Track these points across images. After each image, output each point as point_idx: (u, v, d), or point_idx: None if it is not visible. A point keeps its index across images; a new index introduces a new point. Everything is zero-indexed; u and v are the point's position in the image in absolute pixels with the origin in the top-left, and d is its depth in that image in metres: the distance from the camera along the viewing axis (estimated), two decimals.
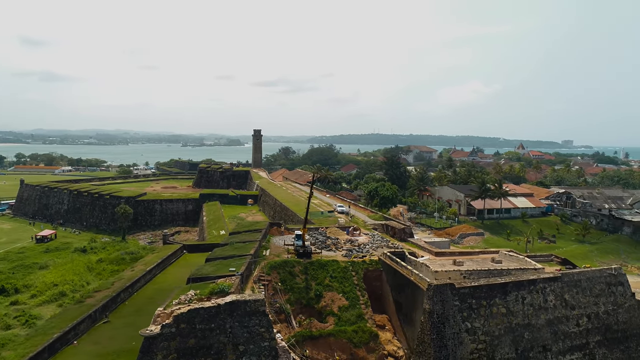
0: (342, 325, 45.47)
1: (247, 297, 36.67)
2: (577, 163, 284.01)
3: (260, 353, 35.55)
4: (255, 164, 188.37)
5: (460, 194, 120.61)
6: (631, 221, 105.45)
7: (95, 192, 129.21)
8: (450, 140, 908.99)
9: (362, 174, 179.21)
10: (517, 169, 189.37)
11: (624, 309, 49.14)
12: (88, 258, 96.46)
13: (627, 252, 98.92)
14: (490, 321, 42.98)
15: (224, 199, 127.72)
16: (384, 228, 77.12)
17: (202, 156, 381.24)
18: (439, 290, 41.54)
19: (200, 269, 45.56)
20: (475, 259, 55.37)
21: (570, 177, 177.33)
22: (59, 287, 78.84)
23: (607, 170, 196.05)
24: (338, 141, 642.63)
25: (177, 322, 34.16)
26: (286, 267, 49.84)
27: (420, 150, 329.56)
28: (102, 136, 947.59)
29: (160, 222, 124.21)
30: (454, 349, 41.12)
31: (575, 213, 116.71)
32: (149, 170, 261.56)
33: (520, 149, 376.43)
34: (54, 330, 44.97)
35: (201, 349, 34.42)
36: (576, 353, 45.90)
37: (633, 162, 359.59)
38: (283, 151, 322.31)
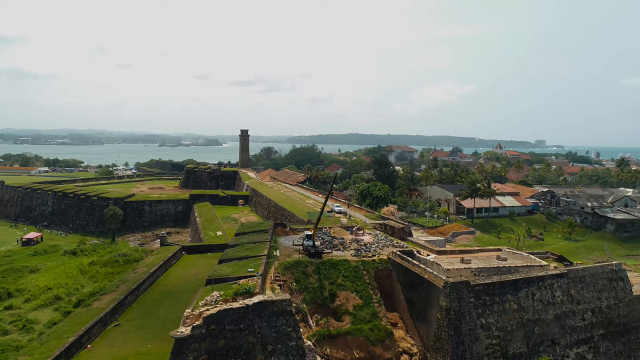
0: (358, 324, 46.14)
1: (274, 297, 36.94)
2: (553, 162, 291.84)
3: (288, 352, 35.88)
4: (243, 164, 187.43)
5: (449, 193, 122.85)
6: (614, 219, 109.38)
7: (81, 194, 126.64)
8: (428, 140, 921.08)
9: (348, 174, 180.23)
10: (499, 168, 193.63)
11: (625, 303, 51.26)
12: (80, 261, 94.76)
13: (612, 249, 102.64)
14: (503, 317, 44.30)
15: (214, 199, 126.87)
16: (383, 228, 78.12)
17: (181, 156, 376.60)
18: (455, 288, 42.58)
19: (217, 270, 45.51)
20: (480, 256, 56.76)
21: (550, 176, 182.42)
22: (53, 290, 77.66)
23: (585, 170, 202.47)
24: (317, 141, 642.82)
25: (207, 323, 34.20)
26: (299, 267, 50.24)
27: (402, 150, 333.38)
28: (75, 136, 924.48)
29: (149, 223, 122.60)
30: (470, 344, 42.23)
31: (560, 211, 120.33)
32: (129, 171, 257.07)
33: (498, 149, 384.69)
34: (68, 334, 44.25)
35: (231, 349, 34.55)
36: (582, 346, 47.71)
37: (605, 161, 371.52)
38: (265, 151, 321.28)
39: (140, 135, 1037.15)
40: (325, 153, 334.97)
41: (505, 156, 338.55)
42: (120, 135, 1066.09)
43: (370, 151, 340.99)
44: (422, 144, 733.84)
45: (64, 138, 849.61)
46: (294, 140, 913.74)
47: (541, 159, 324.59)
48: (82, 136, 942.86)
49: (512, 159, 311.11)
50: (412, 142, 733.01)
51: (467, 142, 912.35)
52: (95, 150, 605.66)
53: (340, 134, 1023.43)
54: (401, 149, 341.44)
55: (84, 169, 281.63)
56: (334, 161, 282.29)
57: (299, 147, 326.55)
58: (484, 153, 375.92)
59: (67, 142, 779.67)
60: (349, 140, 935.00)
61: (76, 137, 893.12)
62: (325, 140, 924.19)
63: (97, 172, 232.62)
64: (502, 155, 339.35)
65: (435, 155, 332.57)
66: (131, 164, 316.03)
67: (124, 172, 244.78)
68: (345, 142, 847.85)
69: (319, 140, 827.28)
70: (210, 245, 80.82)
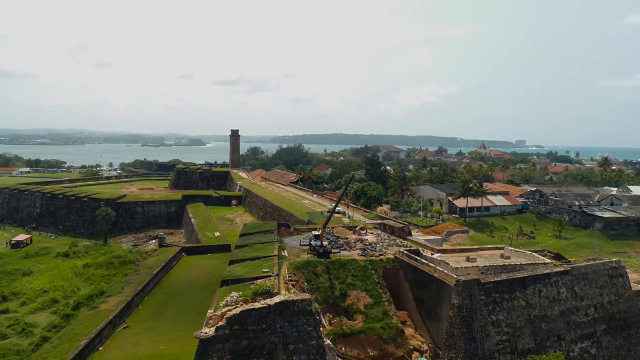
0: (370, 323, 46.70)
1: (294, 297, 37.25)
2: (536, 162, 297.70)
3: (309, 352, 36.23)
4: (233, 164, 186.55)
5: (442, 193, 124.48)
6: (601, 217, 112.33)
7: (71, 195, 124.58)
8: (411, 140, 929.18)
9: (338, 174, 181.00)
10: (485, 168, 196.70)
11: (624, 298, 52.92)
12: (73, 263, 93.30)
13: (600, 246, 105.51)
14: (512, 314, 45.39)
15: (207, 200, 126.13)
16: (382, 227, 78.94)
17: (165, 156, 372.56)
18: (467, 286, 43.49)
19: (231, 271, 45.55)
20: (483, 255, 57.87)
21: (536, 175, 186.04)
22: (49, 293, 76.38)
23: (569, 170, 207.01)
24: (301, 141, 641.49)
25: (230, 323, 34.35)
26: (309, 267, 50.58)
27: (388, 150, 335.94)
28: (54, 136, 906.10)
29: (142, 224, 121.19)
30: (481, 341, 43.18)
31: (549, 210, 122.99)
32: (113, 172, 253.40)
33: (482, 149, 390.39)
34: (79, 337, 43.86)
35: (254, 349, 34.75)
36: (586, 341, 49.13)
37: (584, 161, 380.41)
38: (252, 151, 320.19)
39: (122, 135, 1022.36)
40: (312, 153, 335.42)
41: (489, 156, 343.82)
42: (101, 135, 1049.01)
43: (357, 151, 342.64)
44: (405, 143, 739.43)
45: (43, 138, 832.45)
46: (278, 140, 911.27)
47: (524, 158, 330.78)
48: (62, 136, 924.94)
49: (496, 159, 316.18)
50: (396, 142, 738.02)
51: (449, 142, 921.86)
52: (76, 151, 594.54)
53: (324, 134, 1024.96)
54: (388, 149, 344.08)
55: (67, 169, 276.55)
56: (321, 161, 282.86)
57: (286, 147, 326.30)
58: (469, 153, 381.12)
59: (46, 142, 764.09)
60: (333, 140, 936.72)
61: (56, 137, 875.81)
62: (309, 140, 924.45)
63: (82, 172, 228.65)
64: (486, 155, 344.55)
65: (420, 155, 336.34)
66: (114, 164, 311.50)
67: (109, 172, 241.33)
68: (329, 142, 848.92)
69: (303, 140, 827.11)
70: (210, 246, 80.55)
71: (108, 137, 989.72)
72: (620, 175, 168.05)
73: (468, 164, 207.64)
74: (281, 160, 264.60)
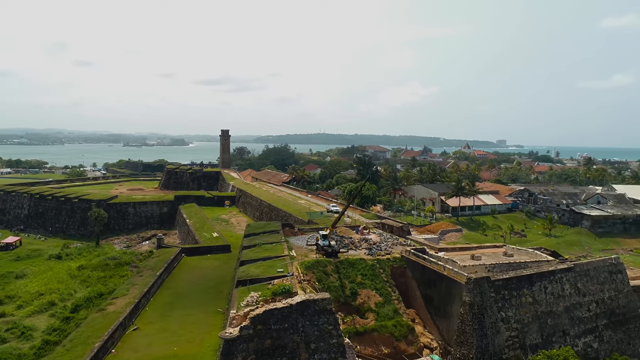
0: (382, 321, 47.35)
1: (315, 296, 37.62)
2: (521, 162, 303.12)
3: (330, 350, 36.66)
4: (224, 164, 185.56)
5: (434, 192, 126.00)
6: (589, 215, 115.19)
7: (60, 196, 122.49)
8: (394, 140, 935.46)
9: (328, 174, 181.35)
10: (472, 167, 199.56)
11: (623, 294, 54.66)
12: (67, 265, 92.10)
13: (589, 244, 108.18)
14: (520, 310, 46.54)
15: (200, 200, 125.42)
16: (381, 227, 79.74)
17: (148, 156, 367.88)
18: (478, 283, 44.44)
19: (245, 271, 45.63)
20: (486, 252, 59.03)
21: (522, 175, 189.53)
22: (45, 296, 75.60)
23: (554, 169, 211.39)
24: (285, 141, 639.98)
25: (254, 323, 34.56)
26: (319, 266, 50.98)
27: (375, 150, 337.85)
28: (32, 135, 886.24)
29: (134, 225, 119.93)
30: (492, 337, 44.18)
31: (538, 209, 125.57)
32: (97, 172, 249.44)
33: (466, 149, 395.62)
34: (92, 340, 43.38)
35: (277, 349, 35.02)
36: (589, 336, 50.62)
37: (565, 160, 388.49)
38: (238, 151, 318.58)
39: (102, 135, 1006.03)
40: (298, 153, 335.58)
41: (474, 156, 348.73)
42: (80, 134, 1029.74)
43: (343, 151, 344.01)
44: (389, 143, 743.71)
45: (21, 138, 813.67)
46: (262, 140, 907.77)
47: (507, 158, 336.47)
48: (40, 136, 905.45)
49: (480, 158, 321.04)
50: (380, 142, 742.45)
51: (432, 141, 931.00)
52: (55, 151, 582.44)
53: (308, 134, 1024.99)
54: (374, 149, 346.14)
55: (50, 170, 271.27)
56: (308, 161, 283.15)
57: (273, 147, 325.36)
58: (454, 152, 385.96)
59: (25, 142, 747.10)
60: (317, 140, 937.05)
61: (34, 137, 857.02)
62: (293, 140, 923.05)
63: (67, 173, 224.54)
64: (471, 155, 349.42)
65: (406, 154, 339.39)
66: (97, 164, 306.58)
67: (93, 173, 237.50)
68: (313, 142, 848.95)
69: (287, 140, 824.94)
70: (209, 247, 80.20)
71: (88, 136, 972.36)
72: (604, 175, 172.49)
73: (455, 163, 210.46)
74: (269, 160, 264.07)
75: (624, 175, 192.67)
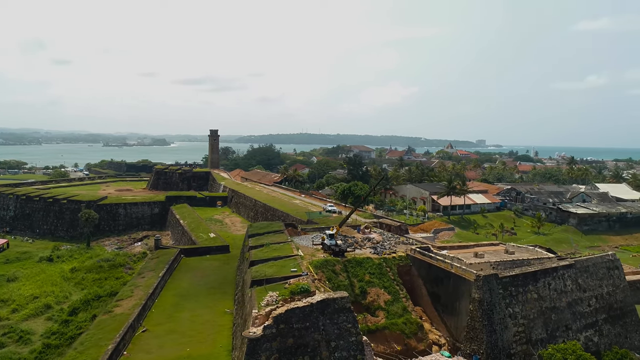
0: (392, 319, 48.03)
1: (334, 295, 38.07)
2: (502, 161, 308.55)
3: (349, 348, 37.13)
4: (213, 164, 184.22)
5: (425, 191, 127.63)
6: (576, 213, 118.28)
7: (48, 197, 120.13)
8: (376, 139, 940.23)
9: (317, 174, 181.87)
10: (458, 167, 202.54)
11: (620, 289, 56.51)
12: (60, 267, 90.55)
13: (576, 241, 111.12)
14: (526, 306, 47.77)
15: (191, 201, 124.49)
16: (379, 226, 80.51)
17: (129, 156, 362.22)
18: (487, 280, 45.49)
19: (259, 271, 45.71)
20: (488, 250, 60.26)
21: (506, 174, 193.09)
22: (40, 299, 74.37)
23: (537, 168, 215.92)
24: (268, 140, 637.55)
25: (277, 322, 34.81)
26: (328, 266, 51.39)
27: (359, 150, 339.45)
28: (7, 135, 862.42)
29: (124, 227, 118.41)
30: (501, 333, 45.28)
31: (526, 207, 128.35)
32: (79, 173, 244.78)
33: (449, 148, 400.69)
34: (103, 342, 43.06)
35: (299, 347, 35.33)
36: (589, 330, 52.22)
37: (545, 160, 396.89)
38: (223, 151, 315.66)
39: (81, 135, 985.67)
40: (283, 153, 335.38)
41: (457, 155, 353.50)
42: (58, 134, 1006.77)
43: (329, 151, 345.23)
44: (370, 143, 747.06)
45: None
46: (244, 140, 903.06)
47: (490, 157, 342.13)
48: (16, 136, 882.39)
49: (462, 158, 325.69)
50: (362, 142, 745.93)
51: (414, 141, 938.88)
52: (32, 151, 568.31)
53: (290, 134, 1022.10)
54: (359, 149, 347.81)
55: (29, 170, 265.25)
56: (294, 161, 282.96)
57: (258, 147, 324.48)
58: (437, 152, 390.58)
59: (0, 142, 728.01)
60: (300, 140, 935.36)
61: (9, 137, 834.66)
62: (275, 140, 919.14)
63: (49, 174, 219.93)
64: (454, 155, 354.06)
65: (391, 154, 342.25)
66: (76, 164, 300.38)
67: (75, 173, 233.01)
68: (295, 142, 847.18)
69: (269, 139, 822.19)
70: (208, 248, 79.96)
71: (66, 136, 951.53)
72: (586, 174, 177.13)
73: (442, 163, 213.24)
74: (255, 160, 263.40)
75: (604, 175, 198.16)
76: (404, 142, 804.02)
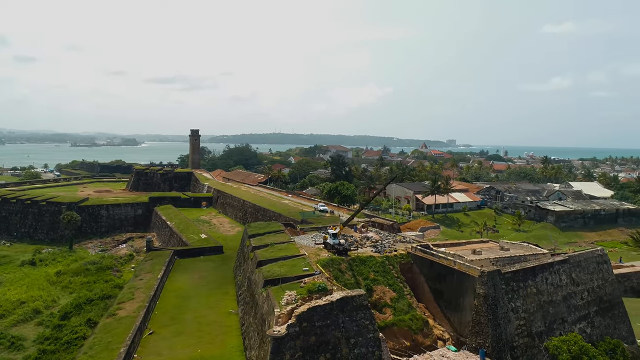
0: (399, 315, 49.04)
1: (352, 293, 38.75)
2: (475, 160, 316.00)
3: (368, 344, 37.92)
4: (194, 164, 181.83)
5: (409, 191, 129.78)
6: (554, 211, 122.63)
7: (26, 199, 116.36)
8: (350, 139, 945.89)
9: (298, 174, 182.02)
10: (437, 167, 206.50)
11: (609, 282, 59.29)
12: (45, 271, 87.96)
13: (555, 237, 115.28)
14: (526, 300, 49.63)
15: (176, 202, 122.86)
16: (372, 225, 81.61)
17: (100, 157, 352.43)
18: (491, 276, 47.06)
19: (270, 271, 45.87)
20: (483, 247, 62.11)
21: (483, 173, 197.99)
22: (28, 304, 72.18)
23: (511, 167, 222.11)
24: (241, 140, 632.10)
25: (300, 321, 35.24)
26: (334, 264, 52.01)
27: (336, 150, 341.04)
28: None
29: (107, 228, 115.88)
30: (505, 326, 46.92)
31: (505, 205, 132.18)
32: (50, 173, 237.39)
33: (424, 148, 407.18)
34: (113, 345, 42.49)
35: (321, 345, 35.87)
36: (583, 322, 54.61)
37: (514, 159, 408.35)
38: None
39: (47, 135, 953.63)
40: (260, 153, 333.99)
41: (431, 155, 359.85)
42: (22, 134, 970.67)
43: (306, 151, 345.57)
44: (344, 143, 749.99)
45: None
46: (217, 139, 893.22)
47: (463, 157, 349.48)
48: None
49: (436, 157, 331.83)
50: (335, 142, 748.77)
51: (386, 141, 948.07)
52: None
53: (264, 134, 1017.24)
54: (336, 149, 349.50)
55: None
56: (272, 161, 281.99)
57: (235, 147, 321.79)
58: (412, 152, 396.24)
59: None
60: (273, 140, 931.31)
61: None
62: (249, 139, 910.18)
63: (20, 175, 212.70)
64: (428, 154, 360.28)
65: (367, 154, 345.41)
66: (44, 165, 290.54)
67: (46, 174, 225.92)
68: (269, 142, 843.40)
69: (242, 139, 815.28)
70: (201, 249, 79.37)
71: (31, 136, 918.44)
72: (559, 173, 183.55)
73: (421, 163, 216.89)
74: (232, 160, 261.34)
75: (575, 173, 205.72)
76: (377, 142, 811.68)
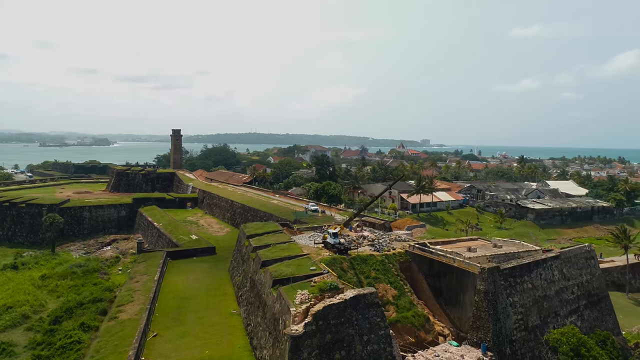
0: (402, 312, 50.02)
1: (364, 291, 39.46)
2: (453, 160, 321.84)
3: (379, 341, 38.71)
4: (175, 165, 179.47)
5: (394, 190, 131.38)
6: (533, 209, 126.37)
7: (4, 201, 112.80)
8: (325, 139, 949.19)
9: (280, 174, 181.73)
10: (417, 166, 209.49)
11: (596, 277, 61.77)
12: (29, 275, 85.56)
13: (535, 234, 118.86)
14: (523, 295, 51.33)
15: (160, 203, 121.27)
16: (365, 224, 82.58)
17: (72, 157, 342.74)
18: (491, 273, 48.52)
19: (277, 271, 46.11)
20: (475, 245, 63.77)
21: (462, 172, 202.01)
22: (15, 309, 70.18)
23: (489, 167, 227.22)
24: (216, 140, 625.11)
25: (316, 319, 35.73)
26: (336, 263, 52.58)
27: (316, 150, 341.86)
28: None
29: (90, 230, 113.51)
30: (504, 321, 48.46)
31: (487, 204, 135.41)
32: (22, 175, 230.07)
33: (401, 148, 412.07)
34: (120, 348, 42.08)
35: (336, 342, 36.44)
36: (573, 315, 56.77)
37: (488, 158, 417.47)
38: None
39: (13, 134, 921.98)
40: (239, 153, 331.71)
41: (408, 154, 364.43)
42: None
43: (285, 151, 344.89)
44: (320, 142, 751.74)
45: None
46: (191, 139, 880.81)
47: (440, 157, 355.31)
48: None
49: (413, 157, 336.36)
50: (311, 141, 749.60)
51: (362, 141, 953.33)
52: None
53: (239, 134, 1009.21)
54: (315, 149, 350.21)
55: None
56: (251, 161, 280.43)
57: (213, 147, 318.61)
58: (389, 152, 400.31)
59: None
60: (249, 139, 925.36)
61: None
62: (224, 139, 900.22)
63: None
64: (405, 154, 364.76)
65: (346, 154, 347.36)
66: (12, 165, 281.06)
67: (17, 175, 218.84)
68: (245, 142, 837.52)
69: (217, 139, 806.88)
70: (194, 250, 78.86)
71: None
72: (535, 172, 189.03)
73: (401, 162, 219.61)
74: (210, 161, 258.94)
75: (549, 172, 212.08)
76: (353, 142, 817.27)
